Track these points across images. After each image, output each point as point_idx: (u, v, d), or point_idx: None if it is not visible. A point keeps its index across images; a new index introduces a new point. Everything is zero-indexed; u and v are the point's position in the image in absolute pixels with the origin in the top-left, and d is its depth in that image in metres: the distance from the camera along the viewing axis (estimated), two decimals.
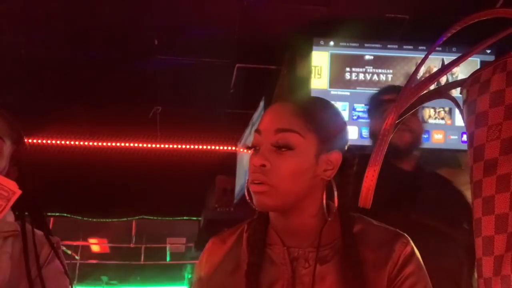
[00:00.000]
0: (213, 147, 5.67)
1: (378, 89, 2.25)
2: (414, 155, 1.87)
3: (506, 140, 0.68)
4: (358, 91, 3.37)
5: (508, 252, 0.66)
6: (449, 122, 3.32)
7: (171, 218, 8.39)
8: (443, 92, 0.84)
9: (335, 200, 1.00)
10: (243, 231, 1.09)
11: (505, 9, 0.74)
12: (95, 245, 10.43)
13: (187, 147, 5.62)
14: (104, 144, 5.49)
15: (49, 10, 3.42)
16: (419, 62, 0.86)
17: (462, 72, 3.01)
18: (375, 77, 3.39)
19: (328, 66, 3.38)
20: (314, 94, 3.28)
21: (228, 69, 4.14)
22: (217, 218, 5.65)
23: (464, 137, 3.00)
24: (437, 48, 0.84)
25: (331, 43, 3.39)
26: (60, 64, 4.12)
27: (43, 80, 4.34)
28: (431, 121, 3.31)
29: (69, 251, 9.02)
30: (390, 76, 3.39)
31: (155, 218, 8.25)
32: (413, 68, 3.34)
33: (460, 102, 0.80)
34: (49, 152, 5.26)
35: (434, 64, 3.27)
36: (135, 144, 5.54)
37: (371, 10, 3.34)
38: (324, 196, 1.00)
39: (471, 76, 0.76)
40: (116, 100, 4.65)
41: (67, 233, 8.64)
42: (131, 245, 9.57)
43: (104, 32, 3.69)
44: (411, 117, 1.82)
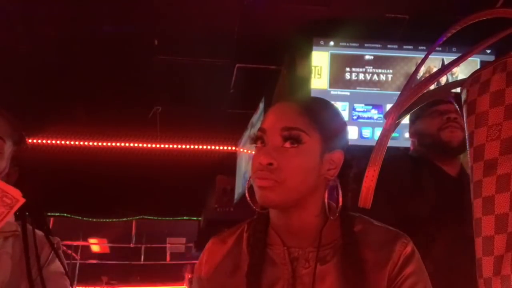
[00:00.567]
0: (213, 147, 5.67)
1: (379, 89, 2.23)
2: (459, 158, 1.80)
3: (506, 140, 0.68)
4: (358, 91, 3.37)
5: (508, 252, 0.66)
6: None
7: (171, 218, 8.39)
8: (443, 92, 0.84)
9: (339, 199, 1.00)
10: (243, 231, 1.08)
11: (505, 9, 0.74)
12: (95, 245, 10.44)
13: (187, 147, 5.61)
14: (104, 144, 5.49)
15: (49, 10, 3.43)
16: (419, 62, 0.86)
17: (462, 72, 3.01)
18: (375, 77, 3.38)
19: (328, 66, 3.38)
20: (314, 94, 3.28)
21: (228, 69, 4.14)
22: (217, 218, 5.66)
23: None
24: (437, 48, 0.84)
25: (331, 43, 3.39)
26: (60, 64, 4.12)
27: (43, 80, 4.34)
28: None
29: (69, 251, 9.01)
30: (390, 76, 3.38)
31: (155, 218, 8.26)
32: (413, 68, 3.34)
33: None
34: (49, 152, 5.25)
35: (434, 64, 3.27)
36: (135, 144, 5.54)
37: (371, 10, 3.34)
38: (326, 195, 1.01)
39: (471, 76, 0.76)
40: (116, 100, 4.65)
41: (67, 233, 8.64)
42: (131, 245, 9.57)
43: (104, 32, 3.69)
44: (461, 116, 1.79)
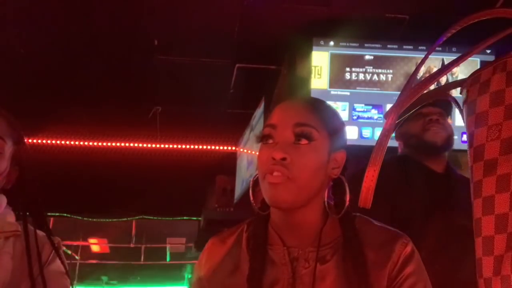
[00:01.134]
0: (213, 147, 5.67)
1: (379, 89, 2.25)
2: (444, 156, 1.88)
3: (506, 140, 0.68)
4: (358, 91, 3.37)
5: (508, 252, 0.66)
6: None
7: (171, 218, 8.38)
8: (443, 92, 0.84)
9: (346, 198, 0.99)
10: (242, 231, 1.08)
11: (505, 9, 0.74)
12: (95, 245, 10.43)
13: (187, 147, 5.61)
14: (104, 144, 5.49)
15: (49, 10, 3.42)
16: (419, 62, 0.86)
17: (462, 72, 3.01)
18: (375, 77, 3.38)
19: (328, 66, 3.38)
20: (314, 94, 3.28)
21: (228, 69, 4.14)
22: (217, 218, 5.64)
23: (464, 137, 3.00)
24: (437, 48, 0.84)
25: (331, 43, 3.39)
26: (60, 64, 4.12)
27: (43, 80, 4.34)
28: None
29: (69, 251, 9.01)
30: (390, 76, 3.38)
31: (155, 218, 8.25)
32: (413, 68, 3.34)
33: (460, 102, 0.80)
34: (49, 152, 5.25)
35: (434, 64, 3.27)
36: (135, 144, 5.53)
37: (371, 10, 3.34)
38: (326, 194, 1.01)
39: (471, 76, 0.76)
40: (116, 100, 4.65)
41: (67, 233, 8.63)
42: (131, 245, 9.56)
43: (104, 32, 3.69)
44: (444, 117, 1.85)
